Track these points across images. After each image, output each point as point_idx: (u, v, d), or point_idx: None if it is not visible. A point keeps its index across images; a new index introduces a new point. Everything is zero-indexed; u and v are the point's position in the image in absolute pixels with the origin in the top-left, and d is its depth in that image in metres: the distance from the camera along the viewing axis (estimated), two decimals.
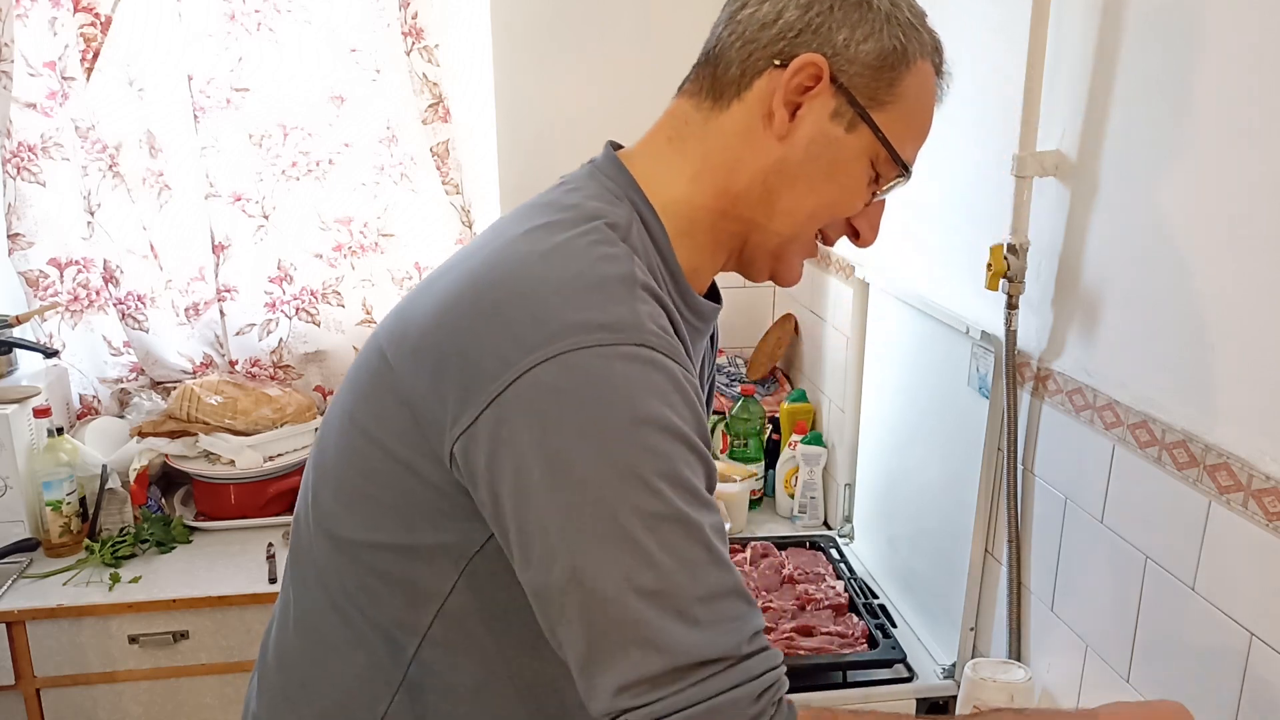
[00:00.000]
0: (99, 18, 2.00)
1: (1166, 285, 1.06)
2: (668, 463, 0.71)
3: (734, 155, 0.85)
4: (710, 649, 0.69)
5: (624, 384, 0.71)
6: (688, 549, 0.70)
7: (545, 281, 0.75)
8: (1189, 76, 1.02)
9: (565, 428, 0.70)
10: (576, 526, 0.70)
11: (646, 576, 0.69)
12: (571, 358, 0.70)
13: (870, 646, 1.51)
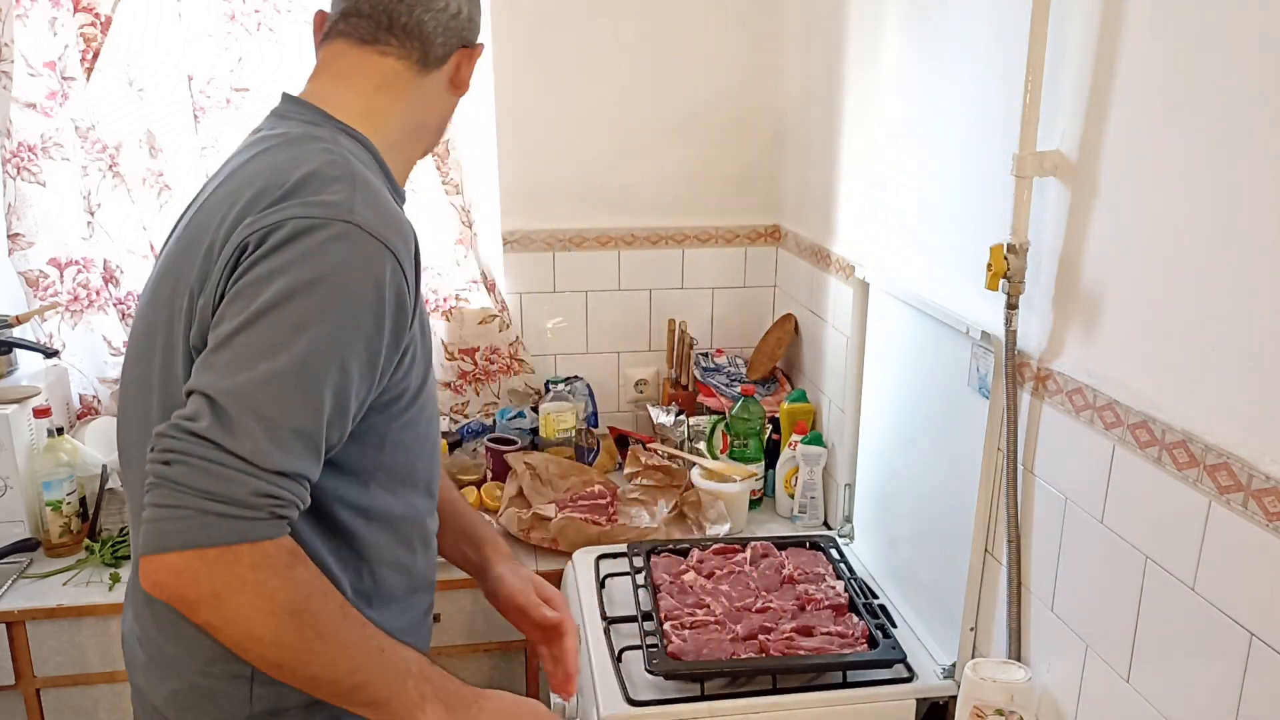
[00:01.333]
0: (99, 18, 2.00)
1: (1166, 285, 1.06)
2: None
3: (430, 107, 1.16)
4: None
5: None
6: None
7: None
8: (1189, 76, 1.02)
9: None
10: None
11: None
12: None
13: (870, 646, 1.51)
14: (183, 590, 0.85)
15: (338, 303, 0.91)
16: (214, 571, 0.85)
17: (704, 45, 2.32)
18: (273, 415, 0.87)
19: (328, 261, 0.91)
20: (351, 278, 0.92)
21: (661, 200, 2.40)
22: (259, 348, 0.88)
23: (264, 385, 0.87)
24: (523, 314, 2.42)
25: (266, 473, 0.86)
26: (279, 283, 0.90)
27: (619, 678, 1.47)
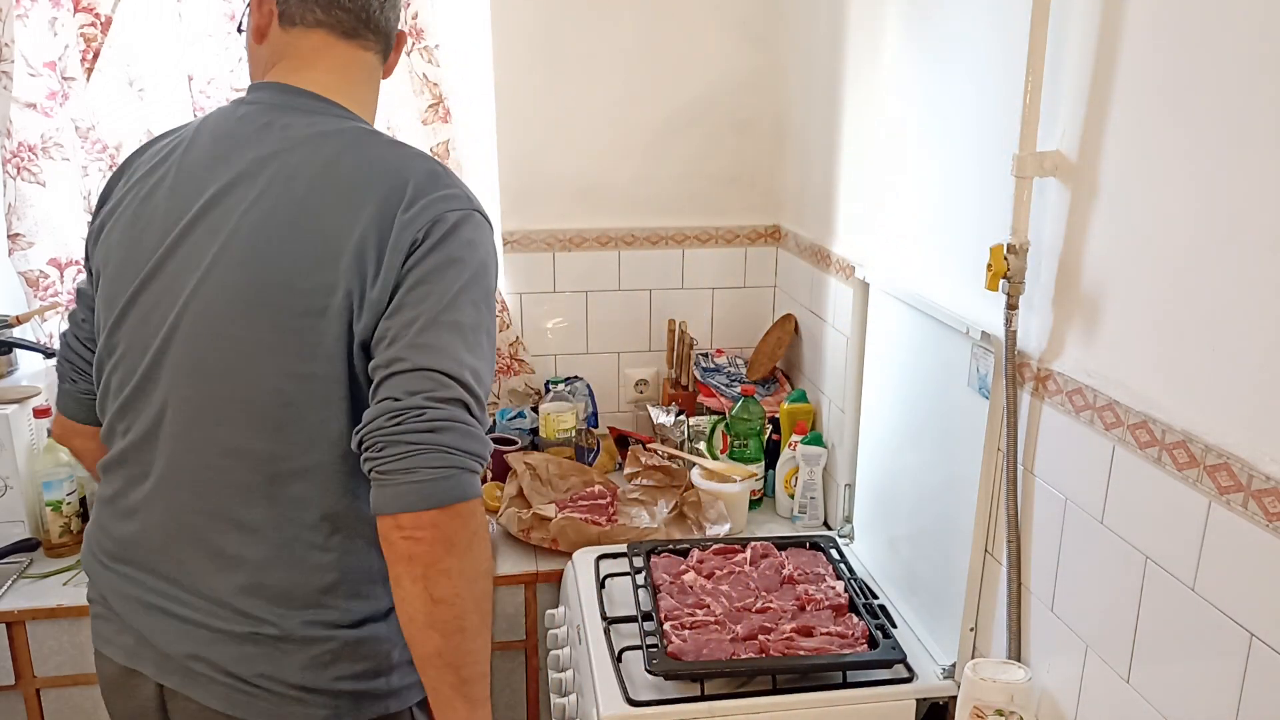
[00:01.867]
0: (99, 18, 2.00)
1: (1166, 285, 1.06)
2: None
3: (370, 94, 1.22)
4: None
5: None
6: None
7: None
8: (1189, 76, 1.02)
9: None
10: None
11: None
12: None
13: (870, 647, 1.51)
14: (452, 534, 1.00)
15: (492, 283, 1.10)
16: (469, 523, 1.01)
17: (704, 45, 2.32)
18: (488, 381, 1.06)
19: (482, 247, 1.09)
20: (492, 260, 1.11)
21: (661, 200, 2.40)
22: (466, 328, 1.03)
23: (486, 362, 1.05)
24: (523, 314, 2.42)
25: (485, 435, 1.04)
26: (462, 270, 1.05)
27: (619, 678, 1.47)
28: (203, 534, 1.12)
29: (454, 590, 1.00)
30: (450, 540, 0.99)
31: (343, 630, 1.13)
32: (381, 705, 1.17)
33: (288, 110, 1.13)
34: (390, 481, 0.99)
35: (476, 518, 1.02)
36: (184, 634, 1.12)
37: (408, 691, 1.20)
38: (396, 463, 0.98)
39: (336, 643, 1.13)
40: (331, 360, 1.05)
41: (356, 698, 1.15)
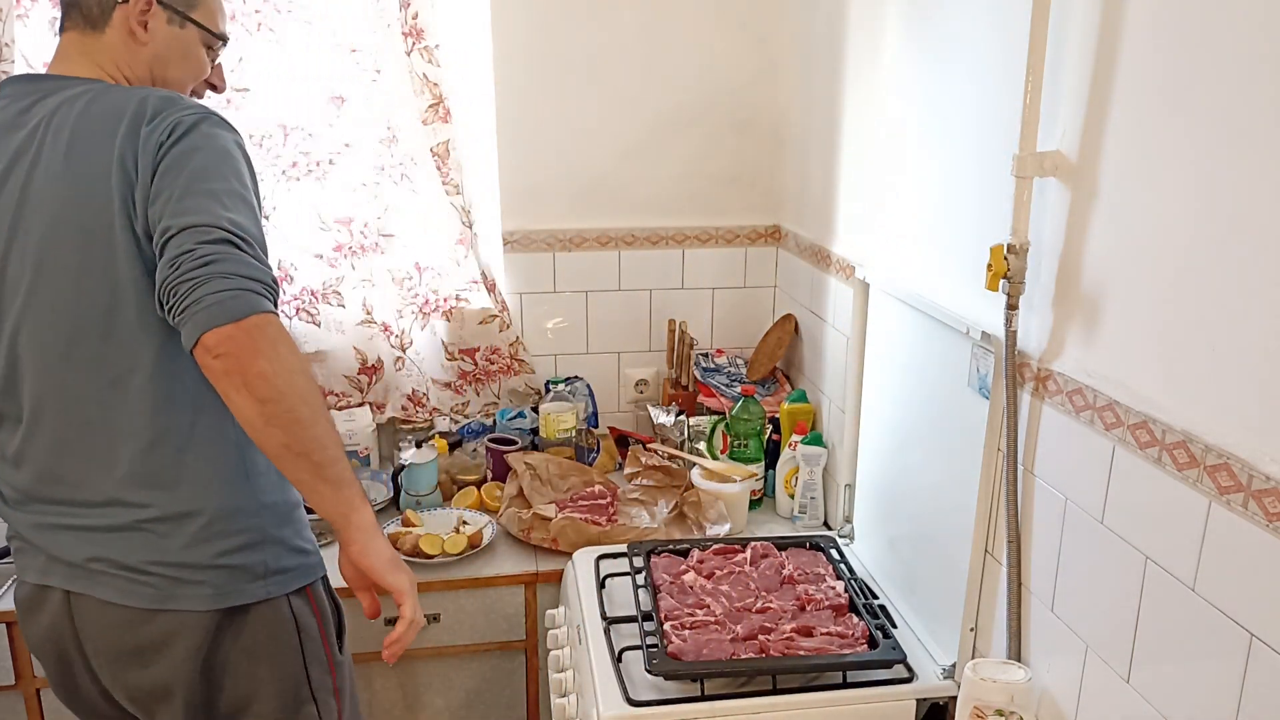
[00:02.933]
0: None
1: (1166, 285, 1.06)
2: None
3: (125, 59, 1.33)
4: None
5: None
6: None
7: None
8: (1189, 76, 1.02)
9: None
10: None
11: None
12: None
13: (870, 647, 1.51)
14: (253, 342, 1.12)
15: (239, 165, 1.23)
16: (267, 331, 1.13)
17: (704, 45, 2.32)
18: (255, 233, 1.19)
19: (222, 138, 1.23)
20: (235, 150, 1.24)
21: (661, 200, 2.40)
22: (220, 193, 1.18)
23: (247, 218, 1.19)
24: (523, 314, 2.42)
25: (267, 270, 1.18)
26: (204, 153, 1.20)
27: (619, 678, 1.47)
28: (79, 447, 1.26)
29: (275, 389, 1.13)
30: (254, 348, 1.12)
31: (206, 505, 1.27)
32: (260, 588, 1.29)
33: (39, 92, 1.28)
34: (187, 315, 1.12)
35: (272, 327, 1.14)
36: (82, 540, 1.27)
37: (283, 577, 1.32)
38: (186, 297, 1.12)
39: (205, 516, 1.26)
40: (131, 261, 1.20)
41: (234, 573, 1.28)
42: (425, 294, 2.30)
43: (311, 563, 1.37)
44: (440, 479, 2.17)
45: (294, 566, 1.33)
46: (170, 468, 1.26)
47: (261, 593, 1.29)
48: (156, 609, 1.26)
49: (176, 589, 1.26)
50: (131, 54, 1.33)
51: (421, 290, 2.29)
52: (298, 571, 1.34)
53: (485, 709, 2.01)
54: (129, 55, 1.33)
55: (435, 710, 1.98)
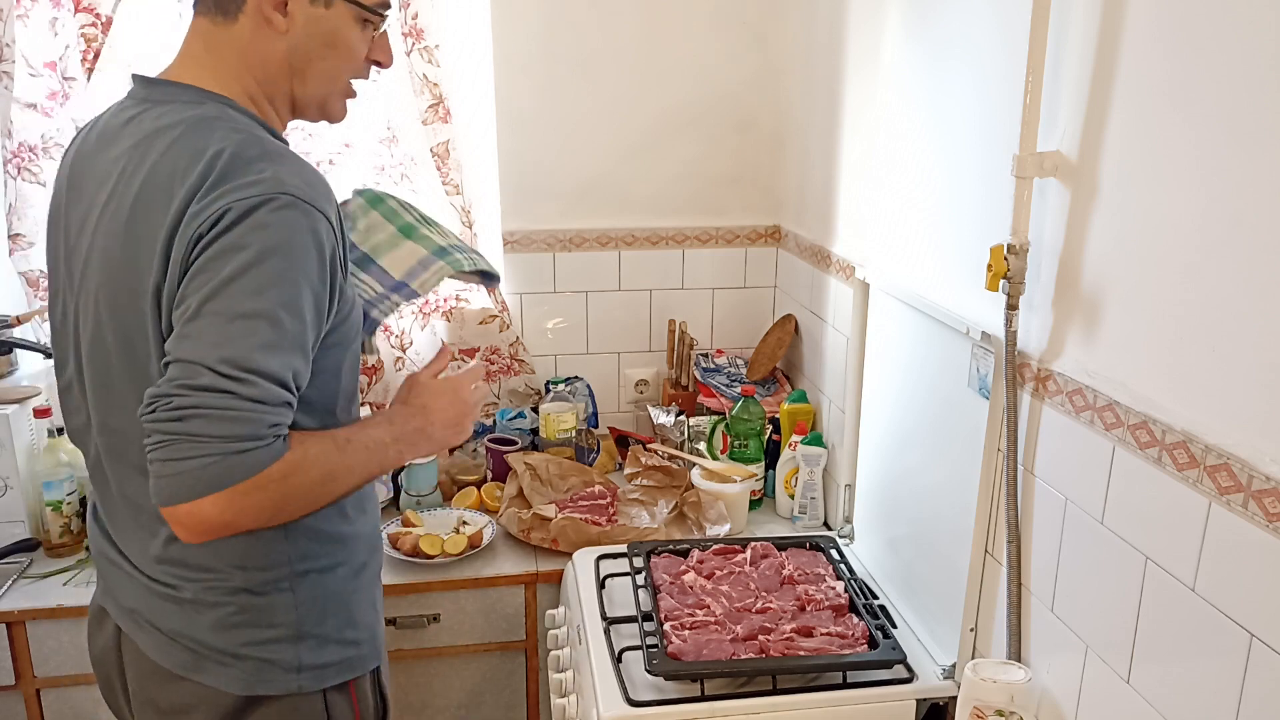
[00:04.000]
0: (99, 18, 2.00)
1: (1166, 286, 1.06)
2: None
3: (259, 55, 1.15)
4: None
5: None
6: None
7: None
8: (1189, 76, 1.02)
9: None
10: None
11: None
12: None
13: (870, 647, 1.51)
14: (230, 523, 1.01)
15: (290, 265, 1.03)
16: (256, 499, 1.01)
17: (704, 45, 2.32)
18: (265, 368, 1.01)
19: (275, 232, 1.03)
20: (295, 241, 1.04)
21: (661, 200, 2.40)
22: (231, 314, 1.00)
23: (259, 349, 1.01)
24: (523, 314, 2.42)
25: (273, 406, 1.02)
26: (239, 256, 1.01)
27: (619, 678, 1.47)
28: (126, 512, 1.20)
29: (266, 519, 1.05)
30: (215, 525, 1.00)
31: (242, 595, 1.18)
32: (293, 680, 1.21)
33: (148, 101, 1.16)
34: (152, 477, 1.00)
35: (235, 499, 0.99)
36: (129, 589, 1.23)
37: (320, 672, 1.23)
38: (152, 453, 0.99)
39: (234, 607, 1.18)
40: (160, 351, 1.08)
41: (263, 664, 1.20)
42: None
43: (358, 655, 1.27)
44: (440, 479, 2.17)
45: (335, 661, 1.24)
46: (199, 554, 1.17)
47: (293, 685, 1.21)
48: (185, 676, 1.20)
49: (205, 664, 1.19)
50: (266, 47, 1.15)
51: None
52: (340, 666, 1.25)
53: (485, 709, 2.01)
54: (262, 49, 1.15)
55: (435, 710, 1.98)
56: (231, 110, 1.15)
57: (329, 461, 1.09)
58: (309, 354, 1.08)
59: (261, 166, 1.06)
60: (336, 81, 1.20)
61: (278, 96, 1.19)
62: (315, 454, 1.07)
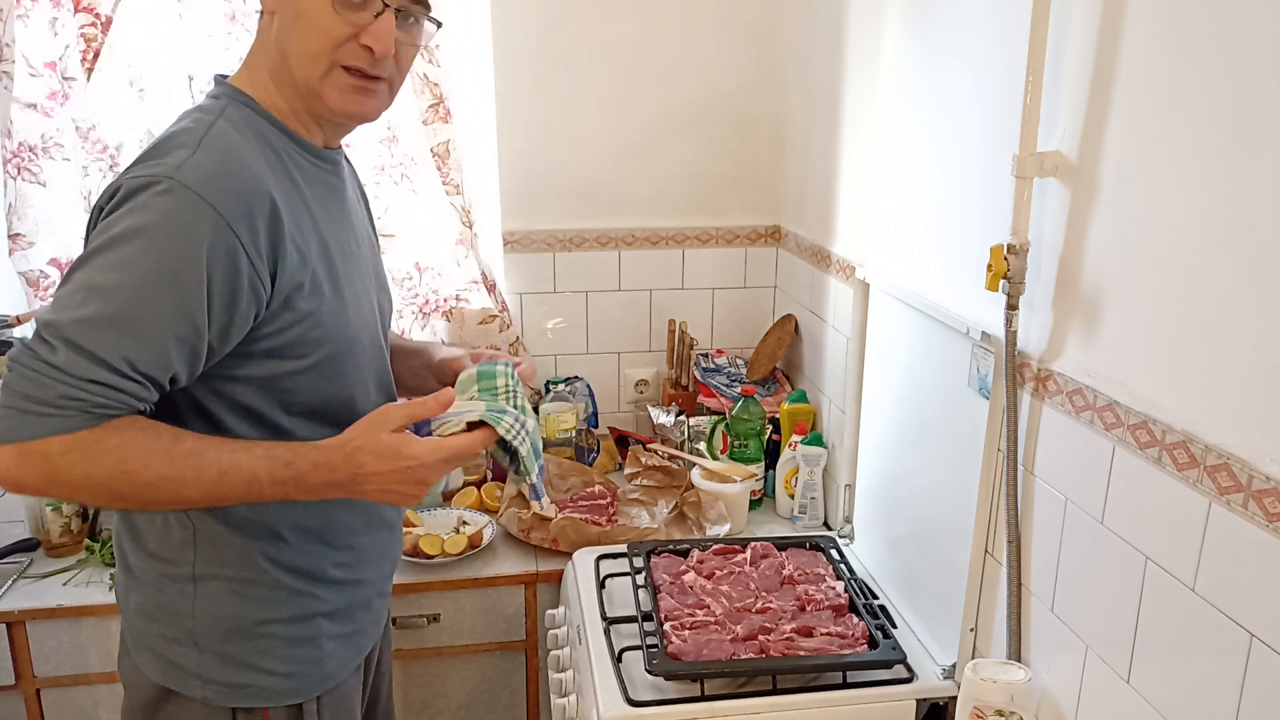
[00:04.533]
0: (99, 18, 2.00)
1: (1166, 286, 1.06)
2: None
3: (262, 43, 1.15)
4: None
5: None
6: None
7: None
8: (1189, 76, 1.02)
9: None
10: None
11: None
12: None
13: (870, 647, 1.51)
14: (16, 480, 1.01)
15: (152, 249, 1.01)
16: (33, 464, 1.00)
17: (704, 45, 2.32)
18: (80, 341, 0.99)
19: (147, 215, 1.01)
20: (167, 229, 1.01)
21: (661, 200, 2.40)
22: (82, 288, 1.00)
23: (78, 321, 0.99)
24: (523, 314, 2.42)
25: (75, 379, 0.98)
26: (109, 232, 1.01)
27: (619, 678, 1.47)
28: None
29: (83, 500, 1.09)
30: (12, 479, 1.01)
31: (156, 584, 1.18)
32: (197, 688, 1.18)
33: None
34: None
35: (30, 459, 0.99)
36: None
37: (226, 690, 1.19)
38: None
39: (147, 595, 1.19)
40: None
41: (169, 664, 1.19)
42: (425, 294, 2.30)
43: (276, 688, 1.21)
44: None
45: (245, 685, 1.19)
46: (132, 528, 1.19)
47: (198, 693, 1.19)
48: (126, 652, 1.24)
49: (136, 644, 1.22)
50: (266, 35, 1.14)
51: (422, 290, 2.29)
52: (250, 691, 1.20)
53: (485, 709, 2.01)
54: (265, 37, 1.14)
55: (435, 710, 1.98)
56: (235, 100, 1.14)
57: (136, 460, 1.02)
58: (167, 345, 1.02)
59: (177, 153, 1.04)
60: (314, 60, 1.11)
61: (285, 85, 1.15)
62: (118, 446, 1.01)
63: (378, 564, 1.33)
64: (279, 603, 1.20)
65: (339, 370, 1.18)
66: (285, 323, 1.10)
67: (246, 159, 1.08)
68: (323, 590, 1.24)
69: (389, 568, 1.37)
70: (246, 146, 1.09)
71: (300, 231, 1.12)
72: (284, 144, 1.16)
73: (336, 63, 1.12)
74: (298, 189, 1.15)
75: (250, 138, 1.11)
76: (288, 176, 1.14)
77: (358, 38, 1.11)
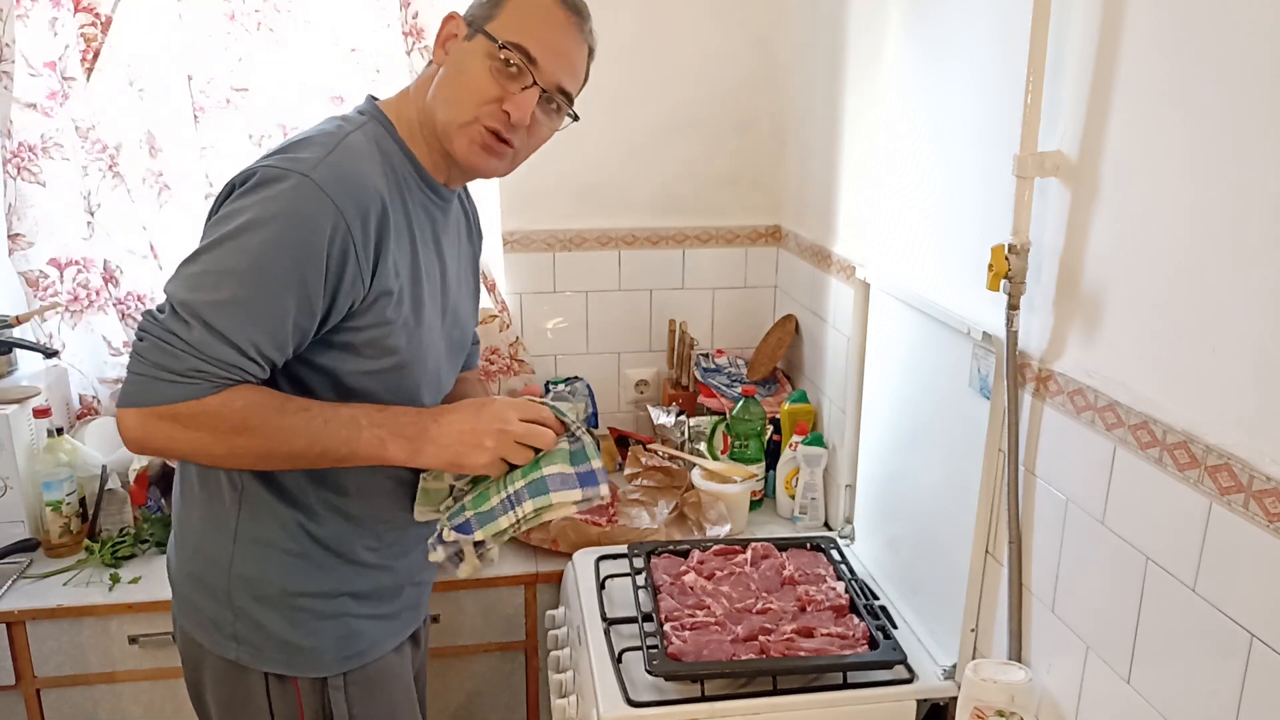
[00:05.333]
0: (99, 18, 2.00)
1: (1167, 286, 1.06)
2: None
3: (422, 83, 1.26)
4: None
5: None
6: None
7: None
8: (1190, 76, 1.02)
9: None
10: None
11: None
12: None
13: (871, 648, 1.51)
14: (141, 439, 1.12)
15: (279, 238, 1.10)
16: (164, 428, 1.11)
17: (704, 45, 2.31)
18: (215, 322, 1.09)
19: (279, 204, 1.10)
20: (293, 219, 1.10)
21: (661, 200, 2.40)
22: (215, 270, 1.10)
23: (214, 304, 1.09)
24: (523, 314, 2.41)
25: (206, 356, 1.09)
26: (239, 218, 1.10)
27: (619, 679, 1.46)
28: None
29: (202, 460, 1.18)
30: (138, 439, 1.12)
31: (193, 543, 1.29)
32: (232, 648, 1.27)
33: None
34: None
35: (161, 423, 1.10)
36: None
37: (256, 653, 1.27)
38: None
39: (188, 554, 1.30)
40: None
41: (208, 625, 1.28)
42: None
43: (302, 659, 1.28)
44: None
45: (273, 651, 1.27)
46: (187, 495, 1.31)
47: (231, 653, 1.27)
48: (174, 618, 1.35)
49: (179, 597, 1.32)
50: (427, 77, 1.26)
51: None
52: (278, 658, 1.27)
53: (485, 709, 2.01)
54: (425, 79, 1.26)
55: (435, 710, 1.98)
56: (376, 119, 1.25)
57: (257, 418, 1.13)
58: (286, 329, 1.13)
59: (311, 149, 1.14)
60: (459, 108, 1.20)
61: (428, 123, 1.25)
62: (241, 409, 1.12)
63: (405, 554, 1.37)
64: (308, 575, 1.27)
65: (398, 382, 1.25)
66: (365, 323, 1.19)
67: (369, 169, 1.18)
68: (351, 570, 1.31)
69: (420, 560, 1.39)
70: (372, 160, 1.19)
71: (399, 246, 1.21)
72: (405, 168, 1.25)
73: (478, 119, 1.20)
74: (404, 210, 1.23)
75: (377, 154, 1.21)
76: (399, 196, 1.22)
77: (502, 102, 1.19)
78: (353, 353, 1.21)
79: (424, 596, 1.47)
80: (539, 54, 1.19)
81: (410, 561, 1.38)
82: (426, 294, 1.28)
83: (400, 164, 1.25)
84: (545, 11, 1.20)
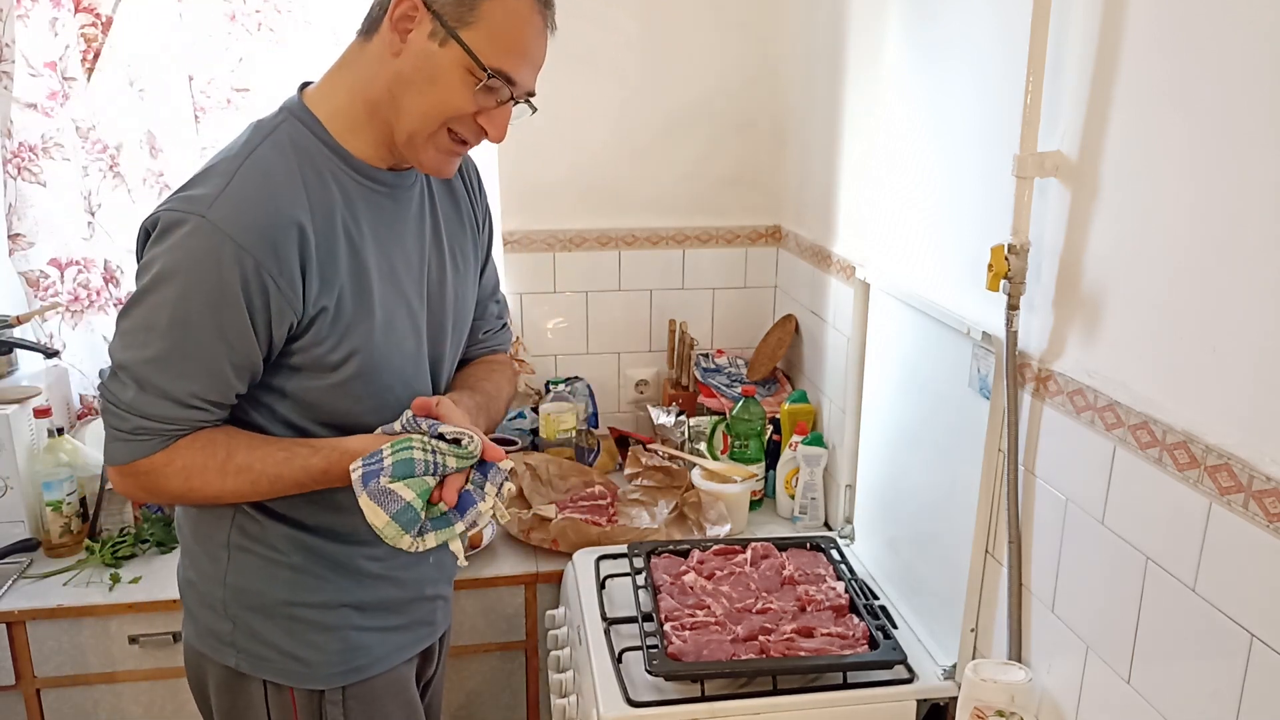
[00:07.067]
0: (99, 18, 2.00)
1: (1167, 286, 1.06)
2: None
3: (371, 73, 1.16)
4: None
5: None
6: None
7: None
8: (1189, 76, 1.02)
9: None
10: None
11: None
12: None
13: (871, 648, 1.51)
14: (124, 493, 1.22)
15: (192, 293, 1.09)
16: (130, 482, 1.17)
17: (704, 45, 2.31)
18: (147, 380, 1.11)
19: (181, 253, 1.08)
20: (203, 270, 1.08)
21: (661, 200, 2.40)
22: (141, 327, 1.11)
23: (144, 362, 1.11)
24: (523, 314, 2.41)
25: (146, 414, 1.12)
26: (153, 269, 1.10)
27: (619, 678, 1.47)
28: None
29: (164, 500, 1.32)
30: (121, 490, 1.21)
31: (193, 551, 1.30)
32: (230, 655, 1.27)
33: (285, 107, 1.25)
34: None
35: (127, 478, 1.17)
36: None
37: (252, 661, 1.26)
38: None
39: (189, 561, 1.31)
40: None
41: (206, 632, 1.28)
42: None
43: (298, 670, 1.27)
44: None
45: (270, 660, 1.26)
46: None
47: (230, 660, 1.27)
48: (183, 625, 1.36)
49: (185, 612, 1.33)
50: (379, 68, 1.14)
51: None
52: (275, 667, 1.26)
53: (485, 709, 2.01)
54: (376, 70, 1.14)
55: None
56: (293, 121, 1.17)
57: (197, 479, 1.15)
58: (225, 372, 1.13)
59: (209, 182, 1.11)
60: (427, 122, 1.14)
61: (378, 121, 1.17)
62: (182, 468, 1.15)
63: (412, 564, 1.34)
64: (304, 586, 1.26)
65: (366, 389, 1.21)
66: (302, 344, 1.16)
67: (278, 188, 1.12)
68: (352, 581, 1.29)
69: (430, 572, 1.37)
70: (284, 171, 1.13)
71: (331, 256, 1.15)
72: (333, 165, 1.18)
73: (446, 126, 1.16)
74: (334, 214, 1.16)
75: (293, 162, 1.15)
76: (327, 198, 1.16)
77: (476, 115, 1.15)
78: (306, 371, 1.18)
79: (439, 611, 1.42)
80: (520, 74, 1.14)
81: (420, 573, 1.35)
82: (381, 290, 1.20)
83: (326, 162, 1.17)
84: (524, 21, 1.13)
